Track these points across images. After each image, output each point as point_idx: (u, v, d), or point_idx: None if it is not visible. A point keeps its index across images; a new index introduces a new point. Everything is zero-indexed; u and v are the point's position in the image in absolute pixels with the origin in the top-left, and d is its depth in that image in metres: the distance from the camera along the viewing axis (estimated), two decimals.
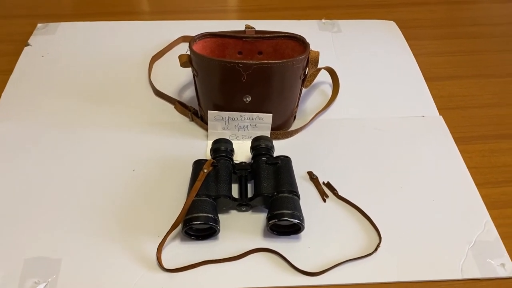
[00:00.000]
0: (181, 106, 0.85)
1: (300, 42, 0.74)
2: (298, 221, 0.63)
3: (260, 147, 0.72)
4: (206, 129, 0.82)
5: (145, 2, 1.17)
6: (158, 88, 0.89)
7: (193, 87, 0.91)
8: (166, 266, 0.63)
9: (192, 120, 0.84)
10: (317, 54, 0.73)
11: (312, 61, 0.73)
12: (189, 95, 0.90)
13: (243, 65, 0.69)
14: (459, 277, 0.64)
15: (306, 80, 0.78)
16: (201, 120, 0.83)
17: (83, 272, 0.63)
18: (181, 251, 0.66)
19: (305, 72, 0.75)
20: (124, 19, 1.09)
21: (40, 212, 0.70)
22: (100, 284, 0.62)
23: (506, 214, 0.72)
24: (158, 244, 0.65)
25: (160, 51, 0.97)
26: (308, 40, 0.75)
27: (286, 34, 0.75)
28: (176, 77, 0.93)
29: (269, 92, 0.73)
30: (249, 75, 0.70)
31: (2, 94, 0.89)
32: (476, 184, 0.76)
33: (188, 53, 0.73)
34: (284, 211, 0.64)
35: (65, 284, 0.62)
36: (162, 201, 0.72)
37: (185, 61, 0.75)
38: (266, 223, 0.65)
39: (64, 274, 0.63)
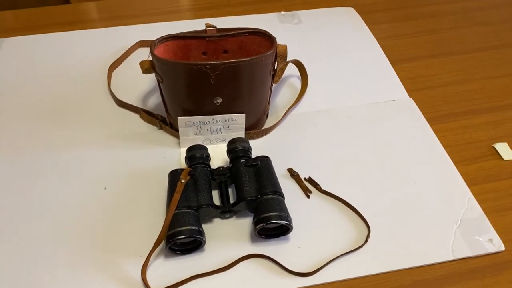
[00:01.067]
0: (147, 115, 0.81)
1: (266, 37, 0.72)
2: (286, 222, 0.61)
3: (237, 149, 0.69)
4: (177, 136, 0.78)
5: (93, 9, 1.11)
6: (120, 98, 0.84)
7: (158, 94, 0.87)
8: (152, 287, 0.60)
9: (161, 128, 0.80)
10: (284, 48, 0.70)
11: (280, 55, 0.70)
12: (154, 102, 0.86)
13: (211, 66, 0.65)
14: (451, 257, 0.64)
15: (276, 75, 0.76)
16: (171, 128, 0.79)
17: None
18: (167, 268, 0.62)
19: (274, 67, 0.72)
20: (73, 29, 1.03)
21: (10, 248, 0.64)
22: None
23: (486, 189, 0.73)
24: (141, 265, 0.61)
25: (118, 59, 0.92)
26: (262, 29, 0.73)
27: (251, 30, 0.73)
28: (138, 85, 0.89)
29: (239, 91, 0.71)
30: (217, 76, 0.67)
31: None
32: (454, 162, 0.76)
33: (150, 58, 0.69)
34: (271, 213, 0.61)
35: None
36: (140, 218, 0.68)
37: (148, 67, 0.70)
38: (253, 228, 0.62)
39: None
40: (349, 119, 0.83)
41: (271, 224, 0.61)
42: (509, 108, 0.86)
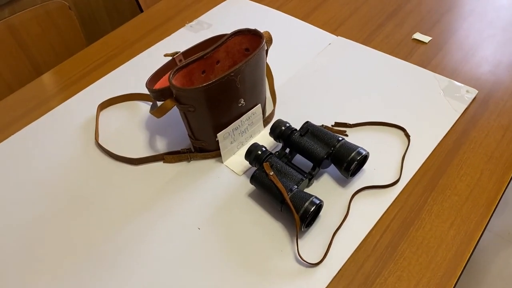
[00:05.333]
0: (172, 155, 0.81)
1: (245, 33, 0.80)
2: (366, 151, 0.73)
3: (283, 129, 0.78)
4: (211, 157, 0.82)
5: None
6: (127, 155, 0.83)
7: (159, 135, 0.87)
8: (313, 261, 0.66)
9: (190, 160, 0.82)
10: (268, 33, 0.80)
11: (268, 40, 0.80)
12: (162, 143, 0.86)
13: (235, 72, 0.72)
14: (458, 115, 0.85)
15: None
16: (200, 151, 0.82)
17: None
18: (306, 245, 0.69)
19: (267, 52, 0.81)
20: (14, 132, 0.92)
21: None
22: None
23: (435, 64, 0.96)
24: (295, 252, 0.67)
25: (95, 129, 0.87)
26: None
27: (231, 33, 0.79)
28: (133, 139, 0.87)
29: (255, 85, 0.78)
30: (240, 79, 0.73)
31: None
32: (404, 59, 0.97)
33: (174, 93, 0.71)
34: (353, 153, 0.73)
35: None
36: (249, 228, 0.72)
37: (171, 106, 0.73)
38: (346, 173, 0.73)
39: None
40: (314, 73, 0.97)
41: (360, 158, 0.73)
42: (397, 11, 1.11)
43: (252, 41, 0.80)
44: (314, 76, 0.97)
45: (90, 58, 1.08)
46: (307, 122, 0.79)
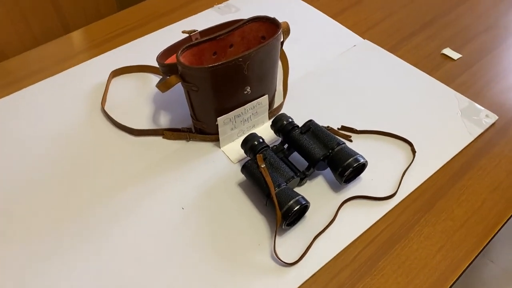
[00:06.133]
0: (172, 132, 0.81)
1: (264, 21, 0.78)
2: (364, 160, 0.71)
3: (285, 124, 0.76)
4: (211, 140, 0.81)
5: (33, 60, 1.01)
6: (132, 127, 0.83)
7: (164, 111, 0.87)
8: (289, 262, 0.65)
9: (190, 139, 0.82)
10: (286, 24, 0.78)
11: (285, 31, 0.78)
12: (166, 119, 0.86)
13: (243, 58, 0.70)
14: (471, 139, 0.81)
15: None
16: (201, 133, 0.81)
17: None
18: (286, 244, 0.68)
19: (282, 43, 0.80)
20: (28, 85, 0.94)
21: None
22: None
23: (459, 82, 0.92)
24: (272, 249, 0.66)
25: (104, 95, 0.88)
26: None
27: (249, 19, 0.78)
28: (138, 110, 0.87)
29: (264, 75, 0.77)
30: (248, 66, 0.72)
31: None
32: (428, 73, 0.93)
33: (180, 70, 0.71)
34: (350, 159, 0.70)
35: None
36: (232, 217, 0.71)
37: (175, 82, 0.72)
38: (340, 178, 0.71)
39: None
40: (332, 73, 0.95)
41: (357, 166, 0.70)
42: (433, 22, 1.07)
43: (269, 30, 0.79)
44: (332, 75, 0.94)
45: (116, 25, 1.09)
46: (310, 120, 0.77)
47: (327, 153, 0.72)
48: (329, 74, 0.95)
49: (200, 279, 0.64)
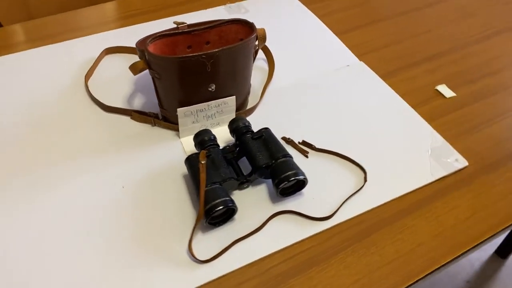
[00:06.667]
0: (139, 114, 0.85)
1: (243, 24, 0.80)
2: (303, 176, 0.71)
3: (241, 126, 0.77)
4: (174, 129, 0.83)
5: (21, 30, 1.09)
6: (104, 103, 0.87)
7: (140, 94, 0.91)
8: (202, 259, 0.66)
9: (155, 125, 0.85)
10: (263, 30, 0.79)
11: (261, 37, 0.79)
12: (139, 102, 0.89)
13: (207, 55, 0.72)
14: (432, 179, 0.78)
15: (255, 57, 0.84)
16: (165, 121, 0.84)
17: None
18: (207, 241, 0.68)
19: (255, 49, 0.81)
20: (9, 52, 1.01)
21: (54, 257, 0.66)
22: None
23: (441, 122, 0.88)
24: (187, 243, 0.67)
25: (90, 68, 0.93)
26: None
27: (228, 20, 0.80)
28: (118, 89, 0.91)
29: (231, 75, 0.78)
30: (212, 64, 0.74)
31: None
32: (412, 106, 0.91)
33: (146, 56, 0.74)
34: (289, 172, 0.70)
35: None
36: (165, 205, 0.73)
37: (142, 67, 0.75)
38: (276, 189, 0.71)
39: None
40: (317, 87, 0.94)
41: (291, 181, 0.70)
42: (437, 57, 1.04)
43: (248, 33, 0.80)
44: (315, 89, 0.94)
45: (129, 6, 1.14)
46: (266, 128, 0.78)
47: (270, 162, 0.73)
48: (313, 87, 0.94)
49: (111, 254, 0.66)
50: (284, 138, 0.83)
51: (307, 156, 0.81)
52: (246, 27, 0.80)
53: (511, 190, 0.77)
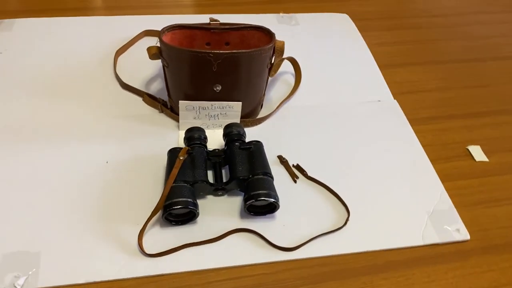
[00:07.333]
0: (150, 98, 0.86)
1: (265, 33, 0.78)
2: (274, 200, 0.67)
3: (233, 133, 0.75)
4: (177, 120, 0.84)
5: None
6: (125, 81, 0.90)
7: (160, 79, 0.92)
8: (148, 252, 0.65)
9: (162, 111, 0.86)
10: (282, 43, 0.76)
11: (278, 50, 0.76)
12: (156, 87, 0.91)
13: (214, 54, 0.71)
14: (421, 243, 0.70)
15: (272, 69, 0.82)
16: (171, 111, 0.84)
17: (64, 263, 0.63)
18: (162, 236, 0.67)
19: (271, 61, 0.78)
20: (78, 15, 1.08)
21: (15, 208, 0.69)
22: (82, 273, 0.62)
23: (458, 185, 0.79)
24: (138, 232, 0.67)
25: (124, 45, 0.97)
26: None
27: (252, 25, 0.79)
28: (143, 71, 0.94)
29: (238, 81, 0.76)
30: (219, 65, 0.73)
31: None
32: (431, 160, 0.82)
33: (158, 45, 0.75)
34: (260, 191, 0.67)
35: (47, 276, 0.62)
36: (139, 191, 0.73)
37: (155, 52, 0.76)
38: (244, 204, 0.68)
39: (45, 267, 0.63)
40: (336, 115, 0.89)
41: (260, 201, 0.67)
42: (483, 116, 0.93)
43: (268, 43, 0.78)
44: (335, 118, 0.89)
45: None
46: (258, 141, 0.75)
47: (247, 176, 0.70)
48: (332, 115, 0.89)
49: (69, 218, 0.68)
50: (279, 157, 0.80)
51: (295, 181, 0.77)
52: (267, 36, 0.78)
53: (508, 280, 0.67)
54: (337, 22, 1.14)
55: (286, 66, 0.97)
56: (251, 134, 0.83)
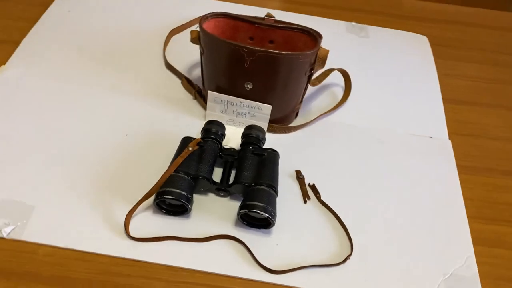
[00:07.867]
0: (187, 83, 0.85)
1: (312, 37, 0.72)
2: (269, 216, 0.62)
3: (251, 136, 0.71)
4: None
5: None
6: (170, 61, 0.89)
7: None
8: (132, 234, 0.64)
9: (195, 98, 0.84)
10: (326, 52, 0.70)
11: (319, 58, 0.71)
12: (197, 74, 0.89)
13: (248, 50, 0.68)
14: None
15: (314, 78, 0.76)
16: (203, 100, 0.82)
17: (51, 223, 0.64)
18: (151, 222, 0.66)
19: (312, 69, 0.73)
20: None
21: (23, 157, 0.71)
22: (64, 237, 0.63)
23: (492, 253, 0.68)
24: (128, 211, 0.65)
25: (180, 26, 0.96)
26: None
27: (300, 27, 0.73)
28: (190, 54, 0.93)
29: (271, 82, 0.72)
30: (252, 62, 0.69)
31: (22, 41, 0.91)
32: (468, 217, 0.72)
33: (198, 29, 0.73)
34: (257, 203, 0.62)
35: (32, 231, 0.63)
36: (145, 171, 0.72)
37: (195, 37, 0.74)
38: (238, 212, 0.64)
39: (33, 221, 0.64)
40: (375, 142, 0.81)
41: (254, 213, 0.62)
42: None
43: (312, 48, 0.72)
44: (377, 144, 0.81)
45: None
46: (274, 151, 0.70)
47: (249, 183, 0.66)
48: (375, 141, 0.82)
49: (72, 181, 0.69)
50: (297, 172, 0.74)
51: (305, 202, 0.71)
52: (313, 41, 0.72)
53: None
54: (412, 43, 1.04)
55: (338, 78, 0.90)
56: (277, 141, 0.79)
